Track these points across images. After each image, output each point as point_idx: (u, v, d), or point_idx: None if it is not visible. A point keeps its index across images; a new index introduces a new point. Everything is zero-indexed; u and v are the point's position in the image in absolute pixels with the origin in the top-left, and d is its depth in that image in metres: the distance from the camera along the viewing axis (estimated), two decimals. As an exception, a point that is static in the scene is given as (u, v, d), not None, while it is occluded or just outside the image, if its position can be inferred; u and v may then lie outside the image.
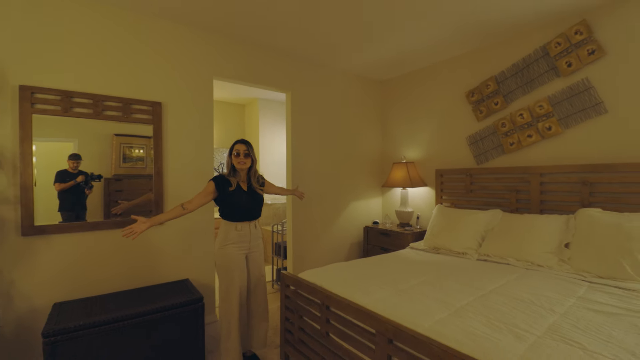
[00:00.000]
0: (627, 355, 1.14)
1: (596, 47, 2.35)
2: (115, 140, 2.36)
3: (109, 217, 2.34)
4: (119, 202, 2.43)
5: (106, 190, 2.36)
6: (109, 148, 2.34)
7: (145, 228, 1.76)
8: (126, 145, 2.43)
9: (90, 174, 2.27)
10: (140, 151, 2.48)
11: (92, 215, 2.30)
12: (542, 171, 2.59)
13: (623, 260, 1.89)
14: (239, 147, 2.08)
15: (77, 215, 2.24)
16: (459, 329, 1.35)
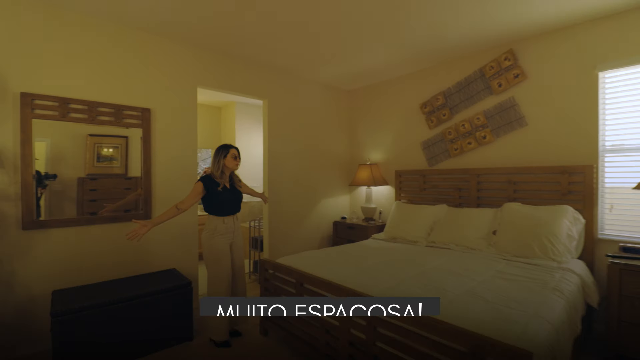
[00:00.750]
0: (513, 303, 1.61)
1: (520, 71, 2.91)
2: (89, 140, 2.46)
3: (82, 215, 2.42)
4: (105, 205, 2.55)
5: (80, 189, 2.45)
6: (83, 148, 2.44)
7: (147, 230, 2.02)
8: (100, 145, 2.51)
9: (44, 174, 2.27)
10: (112, 150, 2.55)
11: (65, 214, 2.35)
12: (479, 172, 3.12)
13: (532, 242, 2.43)
14: (235, 151, 2.37)
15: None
16: (401, 292, 1.78)
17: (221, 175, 2.34)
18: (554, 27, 2.67)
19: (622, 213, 2.46)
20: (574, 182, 2.59)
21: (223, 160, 2.33)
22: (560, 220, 2.44)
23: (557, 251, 2.34)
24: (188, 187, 2.95)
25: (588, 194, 2.52)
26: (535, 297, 1.71)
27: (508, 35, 2.83)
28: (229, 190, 2.38)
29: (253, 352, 2.28)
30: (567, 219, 2.45)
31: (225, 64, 3.21)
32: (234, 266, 2.47)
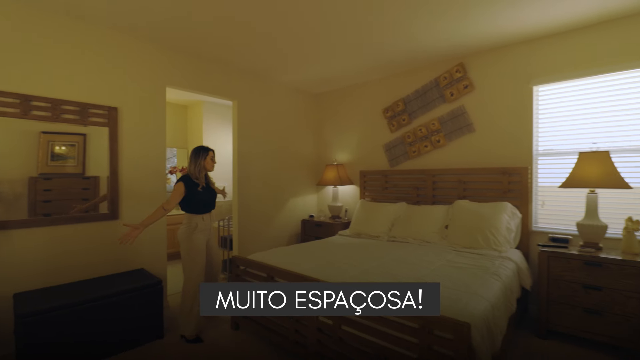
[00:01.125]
0: (459, 285, 1.87)
1: (469, 83, 3.25)
2: (42, 138, 2.35)
3: (35, 216, 2.31)
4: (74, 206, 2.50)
5: (32, 189, 2.33)
6: (35, 146, 2.32)
7: (138, 233, 2.12)
8: (55, 142, 2.41)
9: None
10: (67, 148, 2.45)
11: (16, 215, 2.24)
12: (434, 173, 3.43)
13: (477, 235, 2.75)
14: (212, 153, 2.51)
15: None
16: (362, 280, 1.98)
17: (198, 176, 2.45)
18: (496, 45, 3.02)
19: (552, 208, 2.86)
20: (513, 182, 2.96)
21: (202, 162, 2.45)
22: (500, 215, 2.78)
23: (497, 242, 2.67)
24: (156, 186, 2.96)
25: (524, 192, 2.89)
26: (477, 281, 1.98)
27: (459, 50, 3.15)
28: (206, 190, 2.50)
29: (225, 346, 2.37)
30: (506, 214, 2.80)
31: (195, 65, 3.24)
32: (212, 261, 2.61)
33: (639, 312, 2.09)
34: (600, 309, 2.22)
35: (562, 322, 2.36)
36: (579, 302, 2.29)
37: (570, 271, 2.33)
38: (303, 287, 1.99)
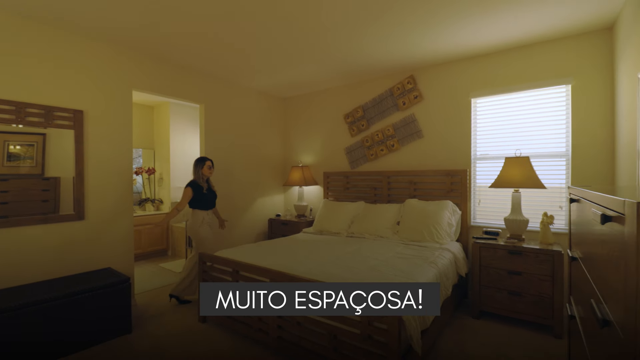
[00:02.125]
0: (400, 272, 2.17)
1: (418, 93, 3.60)
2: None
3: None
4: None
5: None
6: None
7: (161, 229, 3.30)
8: (10, 142, 2.38)
9: None
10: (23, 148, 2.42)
11: None
12: (389, 174, 3.77)
13: (423, 230, 3.10)
14: (209, 162, 3.20)
15: None
16: (319, 271, 2.23)
17: (201, 181, 3.13)
18: (441, 60, 3.40)
19: (487, 206, 3.27)
20: (455, 182, 3.35)
21: (201, 170, 3.14)
22: (442, 212, 3.15)
23: (439, 235, 3.04)
24: (123, 186, 3.03)
25: (464, 192, 3.28)
26: (416, 269, 2.29)
27: (410, 63, 3.49)
28: (209, 191, 3.18)
29: (193, 337, 2.52)
30: (448, 211, 3.17)
31: (162, 69, 3.34)
32: (213, 246, 3.29)
33: (550, 292, 2.50)
34: (521, 291, 2.62)
35: (492, 304, 2.75)
36: (505, 285, 2.69)
37: (498, 259, 2.72)
38: (268, 281, 2.19)
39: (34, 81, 2.51)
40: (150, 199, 5.09)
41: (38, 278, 2.52)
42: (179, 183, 5.14)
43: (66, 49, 2.68)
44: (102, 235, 2.89)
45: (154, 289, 3.58)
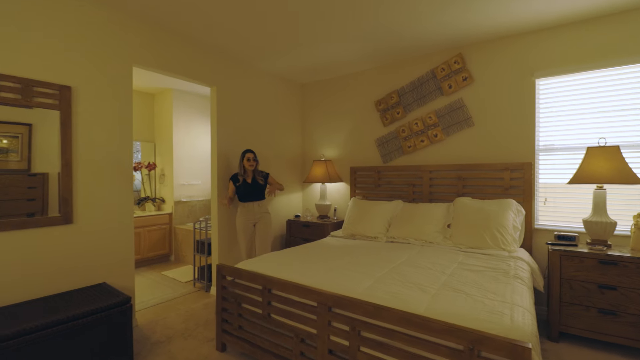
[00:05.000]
0: (489, 294, 1.66)
1: (468, 75, 3.09)
2: None
3: None
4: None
5: None
6: None
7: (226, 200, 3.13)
8: None
9: None
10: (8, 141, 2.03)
11: None
12: (431, 169, 3.26)
13: (485, 234, 2.59)
14: (250, 154, 3.08)
15: None
16: (382, 291, 1.71)
17: (244, 173, 3.09)
18: (498, 35, 2.89)
19: (554, 205, 2.78)
20: (515, 178, 2.85)
21: (241, 163, 3.09)
22: (506, 212, 2.65)
23: (506, 241, 2.53)
24: (120, 184, 2.49)
25: (527, 189, 2.78)
26: (505, 287, 1.78)
27: (458, 40, 2.99)
28: (248, 184, 3.09)
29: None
30: (512, 211, 2.67)
31: (168, 42, 2.79)
32: (254, 243, 3.18)
33: (657, 311, 2.01)
34: (615, 309, 2.13)
35: (576, 324, 2.25)
36: (594, 302, 2.20)
37: (585, 270, 2.23)
38: (314, 302, 1.68)
39: (9, 48, 1.95)
40: (151, 197, 4.53)
41: (8, 299, 1.96)
42: (184, 179, 4.59)
43: (53, 9, 2.12)
44: (94, 242, 2.34)
45: (158, 304, 3.04)
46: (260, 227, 3.15)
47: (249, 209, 3.10)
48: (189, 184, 4.64)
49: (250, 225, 3.12)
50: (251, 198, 3.10)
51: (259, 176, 3.15)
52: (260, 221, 3.15)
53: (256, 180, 3.12)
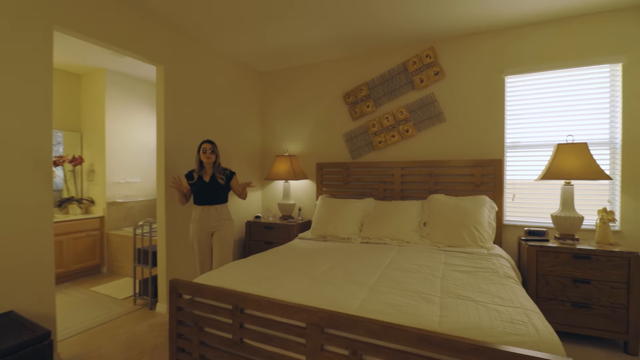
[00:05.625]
0: (496, 299, 1.52)
1: (439, 69, 3.03)
2: None
3: None
4: None
5: None
6: None
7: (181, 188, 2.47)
8: None
9: None
10: None
11: None
12: (402, 165, 3.14)
13: (462, 231, 2.52)
14: (205, 145, 2.52)
15: None
16: (382, 303, 1.47)
17: (200, 168, 2.55)
18: (469, 31, 2.86)
19: (521, 201, 2.82)
20: (486, 175, 2.84)
21: (197, 155, 2.55)
22: (482, 209, 2.61)
23: (483, 238, 2.49)
24: (36, 181, 1.91)
25: (498, 185, 2.79)
26: (503, 288, 1.67)
27: (430, 33, 2.90)
28: (205, 182, 2.52)
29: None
30: (487, 208, 2.64)
31: (104, 4, 2.24)
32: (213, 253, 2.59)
33: (625, 302, 2.09)
34: (589, 302, 2.18)
35: (551, 319, 2.27)
36: (569, 296, 2.23)
37: (560, 265, 2.25)
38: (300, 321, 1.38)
39: None
40: (76, 198, 3.76)
41: None
42: (119, 176, 3.90)
43: None
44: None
45: (89, 330, 2.46)
46: (218, 237, 2.57)
47: (205, 215, 2.53)
48: (125, 182, 3.96)
49: (206, 234, 2.55)
50: (208, 201, 2.53)
51: (220, 174, 2.57)
52: (219, 230, 2.56)
53: (215, 179, 2.55)
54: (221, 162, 3.29)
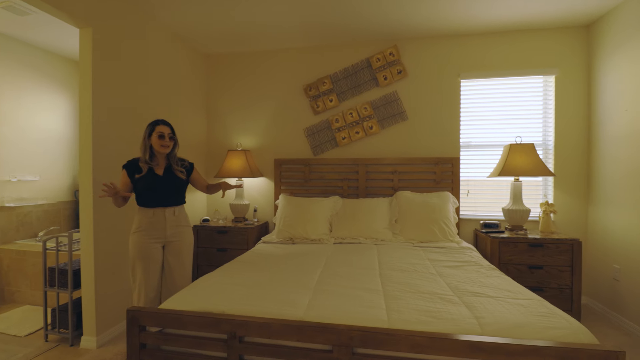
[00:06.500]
0: (508, 292, 1.53)
1: (402, 68, 3.06)
2: None
3: None
4: None
5: None
6: None
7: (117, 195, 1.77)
8: None
9: None
10: None
11: None
12: (367, 162, 3.09)
13: (434, 227, 2.58)
14: (163, 128, 1.88)
15: None
16: (412, 310, 1.34)
17: (151, 158, 1.88)
18: (431, 34, 2.96)
19: (474, 197, 3.04)
20: (445, 172, 2.98)
21: (147, 142, 1.88)
22: (447, 204, 2.72)
23: (452, 233, 2.59)
24: None
25: (455, 182, 2.95)
26: (499, 280, 1.71)
27: (395, 31, 2.90)
28: (158, 177, 1.88)
29: None
30: (451, 203, 2.76)
31: None
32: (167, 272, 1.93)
33: (570, 282, 2.40)
34: (543, 286, 2.44)
35: (510, 304, 2.47)
36: (527, 282, 2.45)
37: (518, 254, 2.47)
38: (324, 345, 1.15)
39: None
40: (-64, 204, 2.70)
41: None
42: (8, 174, 2.95)
43: None
44: None
45: (-23, 390, 1.74)
46: (176, 250, 1.93)
47: (157, 220, 1.87)
48: (19, 181, 3.02)
49: (156, 247, 1.88)
50: (162, 201, 1.88)
51: (179, 166, 1.95)
52: (177, 240, 1.94)
53: (172, 173, 1.92)
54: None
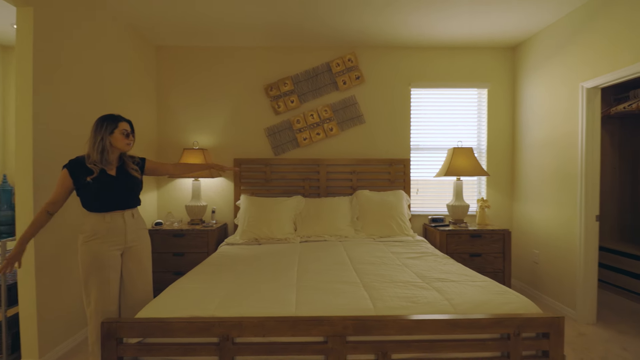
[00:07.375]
0: (464, 276, 1.76)
1: (360, 74, 3.24)
2: None
3: None
4: None
5: None
6: None
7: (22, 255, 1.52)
8: None
9: None
10: None
11: None
12: (328, 163, 3.20)
13: (391, 223, 2.80)
14: (127, 125, 1.69)
15: None
16: (393, 298, 1.47)
17: (102, 159, 1.62)
18: (386, 44, 3.19)
19: (422, 195, 3.36)
20: (397, 172, 3.24)
21: (109, 138, 1.63)
22: (401, 202, 2.97)
23: (406, 227, 2.84)
24: None
25: (407, 181, 3.23)
26: (455, 266, 1.96)
27: (353, 39, 3.07)
28: (112, 178, 1.66)
29: None
30: (404, 201, 3.02)
31: None
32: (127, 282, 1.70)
33: (502, 267, 2.81)
34: (481, 271, 2.80)
35: (455, 289, 2.80)
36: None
37: (462, 244, 2.81)
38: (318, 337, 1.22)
39: None
40: None
41: None
42: None
43: None
44: None
45: None
46: (136, 255, 1.72)
47: (115, 225, 1.64)
48: None
49: (115, 255, 1.64)
50: (119, 204, 1.65)
51: (132, 164, 1.74)
52: (135, 246, 1.72)
53: (128, 173, 1.70)
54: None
